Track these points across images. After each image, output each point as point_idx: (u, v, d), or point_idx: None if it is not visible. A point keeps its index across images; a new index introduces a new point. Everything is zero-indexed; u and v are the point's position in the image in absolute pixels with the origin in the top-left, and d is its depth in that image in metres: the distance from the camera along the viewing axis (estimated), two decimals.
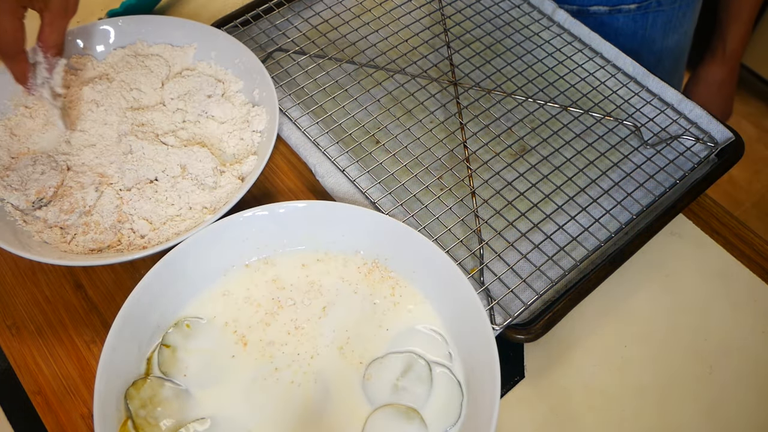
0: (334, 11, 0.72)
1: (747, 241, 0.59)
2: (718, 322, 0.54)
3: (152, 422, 0.43)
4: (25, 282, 0.55)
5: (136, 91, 0.60)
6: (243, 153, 0.58)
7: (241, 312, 0.49)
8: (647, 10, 0.77)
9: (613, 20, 0.77)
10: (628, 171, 0.60)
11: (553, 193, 0.58)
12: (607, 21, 0.72)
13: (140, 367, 0.46)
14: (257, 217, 0.50)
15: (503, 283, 0.53)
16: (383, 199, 0.57)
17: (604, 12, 0.77)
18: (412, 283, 0.50)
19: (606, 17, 0.77)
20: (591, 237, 0.56)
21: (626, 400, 0.50)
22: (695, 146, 0.62)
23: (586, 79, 0.67)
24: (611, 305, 0.55)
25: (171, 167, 0.54)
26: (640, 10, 0.76)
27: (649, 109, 0.64)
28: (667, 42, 0.81)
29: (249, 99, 0.61)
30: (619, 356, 0.52)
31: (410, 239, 0.49)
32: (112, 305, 0.53)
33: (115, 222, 0.52)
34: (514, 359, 0.52)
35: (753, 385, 0.51)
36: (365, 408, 0.45)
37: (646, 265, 0.57)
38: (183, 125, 0.59)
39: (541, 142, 0.62)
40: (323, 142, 0.61)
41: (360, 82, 0.65)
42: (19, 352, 0.51)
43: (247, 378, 0.46)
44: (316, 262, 0.51)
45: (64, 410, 0.49)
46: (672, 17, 0.79)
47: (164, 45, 0.64)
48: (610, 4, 0.76)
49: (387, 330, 0.48)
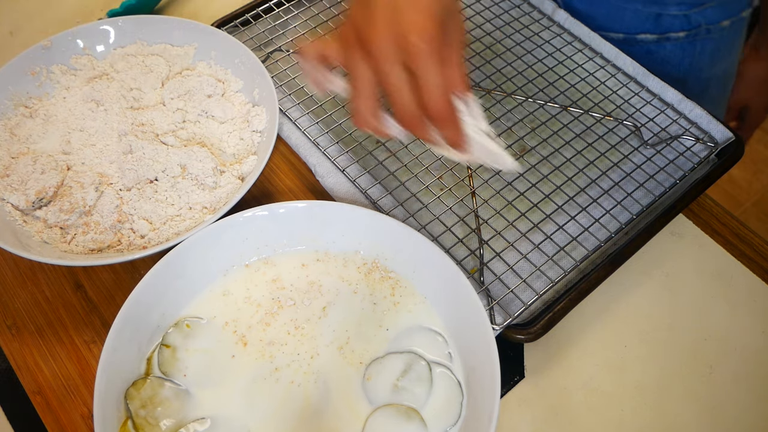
0: (334, 11, 0.72)
1: (747, 241, 0.59)
2: (717, 322, 0.54)
3: (152, 422, 0.43)
4: (25, 282, 0.55)
5: (136, 91, 0.60)
6: (243, 153, 0.58)
7: (241, 312, 0.49)
8: (696, 38, 0.74)
9: (660, 48, 0.74)
10: (628, 171, 0.60)
11: (553, 193, 0.58)
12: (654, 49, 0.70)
13: (140, 367, 0.46)
14: (257, 217, 0.50)
15: (503, 283, 0.53)
16: (383, 198, 0.57)
17: (652, 40, 0.74)
18: (412, 283, 0.50)
19: (653, 45, 0.74)
20: (591, 237, 0.56)
21: (626, 400, 0.50)
22: (695, 146, 0.62)
23: (586, 79, 0.67)
24: (611, 305, 0.55)
25: (171, 167, 0.54)
26: (688, 38, 0.74)
27: (649, 109, 0.64)
28: (715, 70, 0.78)
29: (249, 99, 0.61)
30: (619, 356, 0.52)
31: (410, 239, 0.49)
32: (112, 305, 0.53)
33: (115, 222, 0.52)
34: (514, 359, 0.52)
35: (753, 385, 0.51)
36: (365, 408, 0.45)
37: (646, 265, 0.57)
38: (183, 125, 0.59)
39: (541, 142, 0.62)
40: (323, 142, 0.61)
41: None
42: (19, 352, 0.51)
43: (247, 378, 0.46)
44: (316, 262, 0.51)
45: (64, 410, 0.49)
46: (721, 45, 0.76)
47: (164, 45, 0.64)
48: (658, 32, 0.74)
49: (387, 330, 0.48)
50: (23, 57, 0.60)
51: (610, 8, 0.73)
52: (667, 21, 0.73)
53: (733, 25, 0.75)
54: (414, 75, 0.39)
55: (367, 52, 0.40)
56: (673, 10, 0.72)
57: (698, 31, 0.73)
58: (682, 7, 0.71)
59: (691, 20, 0.72)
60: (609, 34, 0.73)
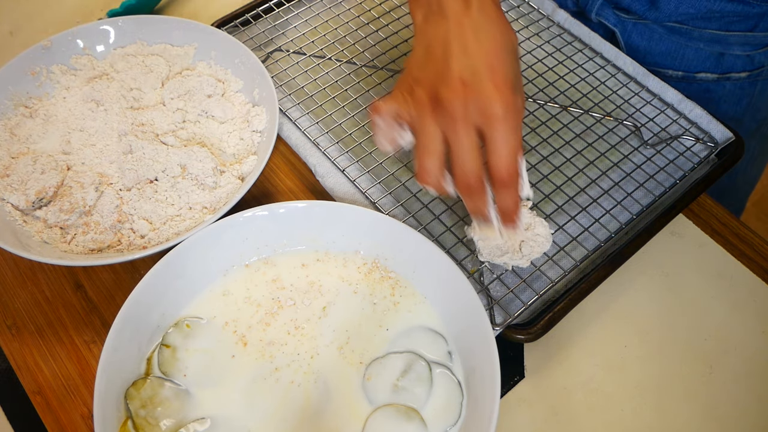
0: (334, 11, 0.72)
1: (747, 241, 0.59)
2: (718, 322, 0.54)
3: (152, 422, 0.43)
4: (25, 282, 0.55)
5: (136, 91, 0.60)
6: (243, 153, 0.58)
7: (241, 312, 0.49)
8: (758, 78, 0.72)
9: (720, 87, 0.72)
10: (628, 171, 0.60)
11: (553, 193, 0.58)
12: (713, 88, 0.68)
13: (140, 367, 0.46)
14: (257, 217, 0.50)
15: (503, 283, 0.53)
16: (383, 198, 0.57)
17: (712, 79, 0.71)
18: (412, 283, 0.50)
19: (712, 84, 0.72)
20: (591, 237, 0.56)
21: (626, 400, 0.50)
22: (695, 146, 0.62)
23: (586, 79, 0.67)
24: (611, 305, 0.55)
25: (171, 167, 0.54)
26: (750, 78, 0.72)
27: (649, 109, 0.64)
28: None
29: (249, 99, 0.61)
30: (619, 356, 0.52)
31: (410, 239, 0.49)
32: (112, 305, 0.53)
33: (115, 222, 0.52)
34: (514, 359, 0.52)
35: (753, 385, 0.51)
36: (365, 408, 0.45)
37: (646, 265, 0.57)
38: (183, 125, 0.59)
39: (541, 142, 0.62)
40: (323, 142, 0.61)
41: (360, 82, 0.65)
42: (19, 352, 0.51)
43: (247, 378, 0.46)
44: (316, 262, 0.51)
45: (64, 410, 0.49)
46: None
47: (164, 45, 0.64)
48: (719, 71, 0.71)
49: (387, 330, 0.48)
50: (23, 57, 0.60)
51: (672, 46, 0.71)
52: (729, 61, 0.71)
53: None
54: (486, 140, 0.41)
55: (441, 112, 0.42)
56: (736, 50, 0.70)
57: (761, 71, 0.71)
58: (746, 48, 0.70)
59: (754, 61, 0.71)
60: (667, 71, 0.72)
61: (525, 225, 0.50)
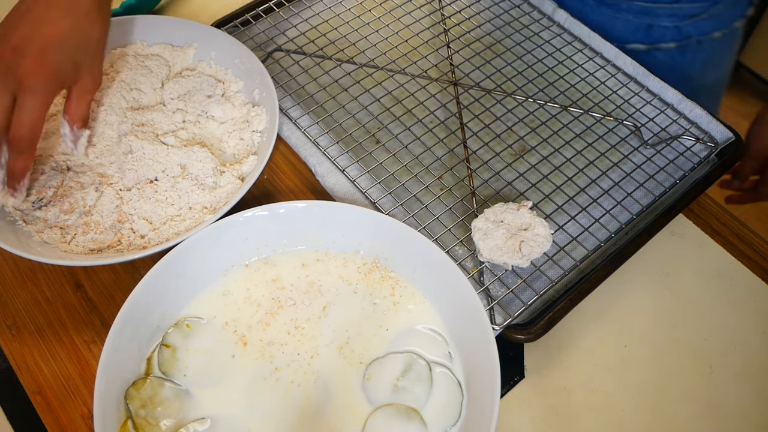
0: (334, 11, 0.72)
1: (747, 241, 0.59)
2: (718, 322, 0.54)
3: (152, 422, 0.43)
4: (25, 282, 0.55)
5: (136, 91, 0.60)
6: (243, 153, 0.58)
7: (241, 312, 0.49)
8: (686, 48, 0.74)
9: (651, 58, 0.75)
10: (628, 171, 0.60)
11: (553, 193, 0.58)
12: (645, 59, 0.69)
13: (140, 367, 0.46)
14: (257, 217, 0.50)
15: (503, 283, 0.53)
16: (383, 199, 0.57)
17: (642, 50, 0.75)
18: (412, 283, 0.50)
19: (644, 55, 0.75)
20: (591, 237, 0.56)
21: (626, 399, 0.50)
22: (695, 146, 0.62)
23: (586, 79, 0.67)
24: (611, 305, 0.55)
25: (171, 167, 0.54)
26: (679, 49, 0.74)
27: (649, 109, 0.64)
28: (706, 79, 0.79)
29: (249, 99, 0.61)
30: (618, 356, 0.52)
31: (410, 239, 0.49)
32: (112, 305, 0.53)
33: (115, 222, 0.52)
34: (514, 359, 0.52)
35: (753, 385, 0.51)
36: (365, 408, 0.45)
37: (646, 265, 0.57)
38: (183, 125, 0.59)
39: (541, 142, 0.62)
40: (323, 142, 0.61)
41: (360, 82, 0.65)
42: (19, 352, 0.51)
43: (247, 378, 0.46)
44: (316, 262, 0.51)
45: (64, 410, 0.49)
46: (712, 55, 0.76)
47: (164, 45, 0.64)
48: (649, 42, 0.74)
49: (387, 330, 0.48)
50: None
51: (602, 17, 0.74)
52: (658, 32, 0.73)
53: (725, 35, 0.75)
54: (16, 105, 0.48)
55: None
56: (664, 22, 0.72)
57: (689, 42, 0.74)
58: (674, 19, 0.72)
59: (682, 31, 0.73)
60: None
61: (525, 225, 0.51)
